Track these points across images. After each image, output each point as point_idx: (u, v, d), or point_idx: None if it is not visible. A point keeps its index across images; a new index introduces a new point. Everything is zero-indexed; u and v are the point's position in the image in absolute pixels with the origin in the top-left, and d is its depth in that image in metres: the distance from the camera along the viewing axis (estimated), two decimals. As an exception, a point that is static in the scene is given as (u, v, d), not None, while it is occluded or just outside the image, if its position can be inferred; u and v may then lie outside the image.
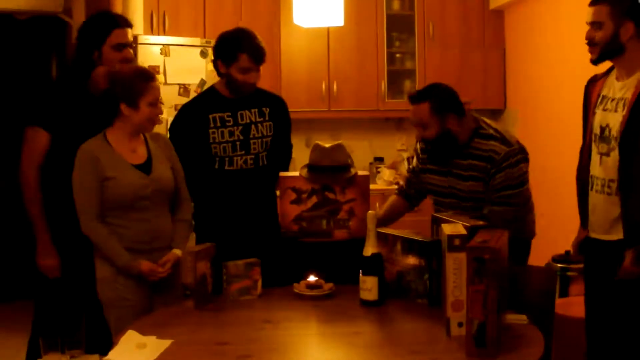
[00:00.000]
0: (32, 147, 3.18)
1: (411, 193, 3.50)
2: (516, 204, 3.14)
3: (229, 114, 3.37)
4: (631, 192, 2.75)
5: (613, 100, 2.85)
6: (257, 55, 3.30)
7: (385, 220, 3.36)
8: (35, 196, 3.17)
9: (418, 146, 3.44)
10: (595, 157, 2.92)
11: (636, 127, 2.72)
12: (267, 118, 3.44)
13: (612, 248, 2.84)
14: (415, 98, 3.16)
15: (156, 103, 2.96)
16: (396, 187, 3.66)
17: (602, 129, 2.88)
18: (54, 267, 3.20)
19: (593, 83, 3.01)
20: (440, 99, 3.14)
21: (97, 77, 3.17)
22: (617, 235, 2.82)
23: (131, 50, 3.32)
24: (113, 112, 2.94)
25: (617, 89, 2.86)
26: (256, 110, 3.43)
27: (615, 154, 2.80)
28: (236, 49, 3.29)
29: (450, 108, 3.14)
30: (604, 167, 2.87)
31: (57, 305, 3.25)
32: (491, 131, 3.19)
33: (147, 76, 2.97)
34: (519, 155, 3.14)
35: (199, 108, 3.40)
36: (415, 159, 3.47)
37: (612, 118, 2.83)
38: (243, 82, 3.33)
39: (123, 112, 2.92)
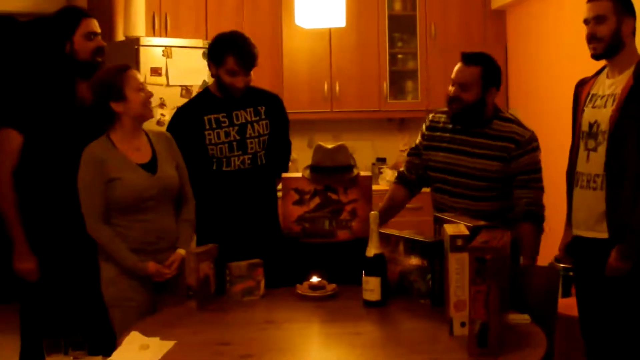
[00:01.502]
0: (4, 149, 3.16)
1: (412, 179, 3.45)
2: (542, 187, 3.18)
3: (224, 114, 3.37)
4: (617, 187, 2.76)
5: (602, 97, 2.89)
6: (244, 59, 3.28)
7: (386, 212, 3.35)
8: (10, 199, 3.14)
9: (424, 126, 3.41)
10: (582, 154, 2.94)
11: (625, 121, 2.74)
12: (262, 116, 3.44)
13: (598, 246, 2.85)
14: (470, 59, 3.20)
15: (142, 87, 2.98)
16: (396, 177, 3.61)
17: (591, 125, 2.90)
18: (32, 270, 3.18)
19: (582, 85, 3.04)
20: (491, 69, 3.19)
21: (83, 92, 3.17)
22: (602, 232, 2.84)
23: (100, 39, 3.33)
24: (109, 119, 2.95)
25: (607, 86, 2.89)
26: (251, 109, 3.43)
27: (602, 149, 2.83)
28: (223, 51, 3.29)
29: (495, 81, 3.19)
30: (591, 162, 2.89)
31: (43, 307, 3.22)
32: (510, 116, 3.26)
33: (122, 67, 2.99)
34: (536, 142, 3.19)
35: (194, 110, 3.40)
36: (419, 138, 3.43)
37: (600, 114, 2.86)
38: (230, 85, 3.32)
39: (116, 110, 2.92)
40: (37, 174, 3.18)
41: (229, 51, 3.28)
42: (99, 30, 3.33)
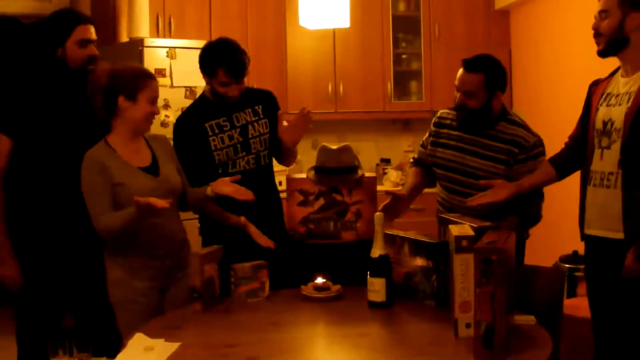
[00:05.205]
0: None
1: (428, 164, 3.46)
2: (541, 194, 3.21)
3: (225, 118, 3.37)
4: (634, 186, 2.74)
5: (617, 95, 2.87)
6: (235, 70, 3.26)
7: (412, 189, 3.39)
8: None
9: (432, 123, 3.42)
10: (596, 152, 2.91)
11: None
12: (261, 116, 3.44)
13: (611, 246, 2.83)
14: (471, 66, 3.16)
15: (155, 101, 2.98)
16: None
17: (605, 123, 2.88)
18: (13, 277, 3.14)
19: (596, 85, 3.02)
20: (495, 74, 3.17)
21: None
22: (616, 231, 2.81)
23: (94, 47, 3.28)
24: (111, 109, 2.93)
25: (622, 85, 2.87)
26: (249, 109, 3.42)
27: (616, 147, 2.80)
28: (213, 64, 3.27)
29: (499, 85, 3.18)
30: (605, 160, 2.86)
31: (37, 310, 3.21)
32: (517, 119, 3.26)
33: (147, 73, 3.01)
34: (541, 148, 3.20)
35: (194, 118, 3.38)
36: (427, 134, 3.45)
37: (615, 112, 2.84)
38: (224, 95, 3.32)
39: (121, 106, 2.91)
40: (26, 177, 3.16)
41: (218, 64, 3.25)
42: (94, 37, 3.28)
